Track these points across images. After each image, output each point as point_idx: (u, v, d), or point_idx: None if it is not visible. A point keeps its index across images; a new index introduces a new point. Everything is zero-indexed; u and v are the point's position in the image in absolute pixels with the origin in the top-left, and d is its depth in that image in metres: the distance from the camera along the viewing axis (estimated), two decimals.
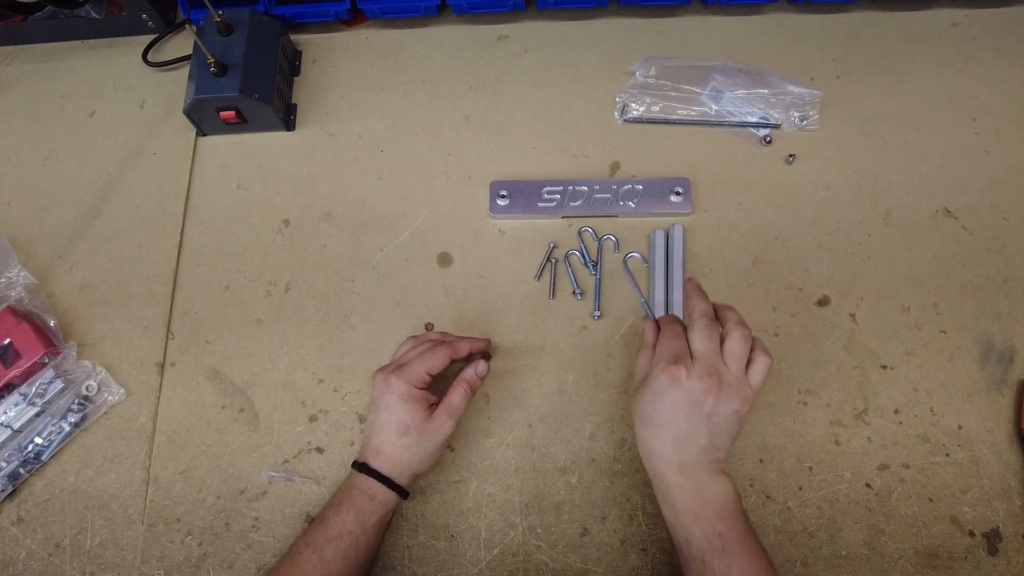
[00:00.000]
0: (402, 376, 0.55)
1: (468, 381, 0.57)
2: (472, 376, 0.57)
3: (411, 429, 0.54)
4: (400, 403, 0.55)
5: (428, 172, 0.73)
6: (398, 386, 0.55)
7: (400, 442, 0.54)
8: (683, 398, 0.49)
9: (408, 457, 0.55)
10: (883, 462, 0.60)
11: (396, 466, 0.55)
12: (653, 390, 0.51)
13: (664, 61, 0.76)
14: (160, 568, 0.59)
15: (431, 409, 0.55)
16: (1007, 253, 0.66)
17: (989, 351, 0.63)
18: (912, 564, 0.56)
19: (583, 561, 0.58)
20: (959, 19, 0.78)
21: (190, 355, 0.66)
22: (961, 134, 0.72)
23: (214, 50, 0.70)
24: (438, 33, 0.81)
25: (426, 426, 0.54)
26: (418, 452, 0.55)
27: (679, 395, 0.49)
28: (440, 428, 0.55)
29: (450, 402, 0.56)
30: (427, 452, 0.55)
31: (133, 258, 0.71)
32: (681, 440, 0.50)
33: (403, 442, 0.54)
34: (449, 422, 0.55)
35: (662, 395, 0.50)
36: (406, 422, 0.54)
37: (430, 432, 0.54)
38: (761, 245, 0.68)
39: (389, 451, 0.55)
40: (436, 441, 0.55)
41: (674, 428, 0.50)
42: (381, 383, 0.56)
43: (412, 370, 0.55)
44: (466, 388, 0.56)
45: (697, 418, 0.49)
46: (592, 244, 0.69)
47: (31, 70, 0.82)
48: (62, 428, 0.63)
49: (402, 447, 0.54)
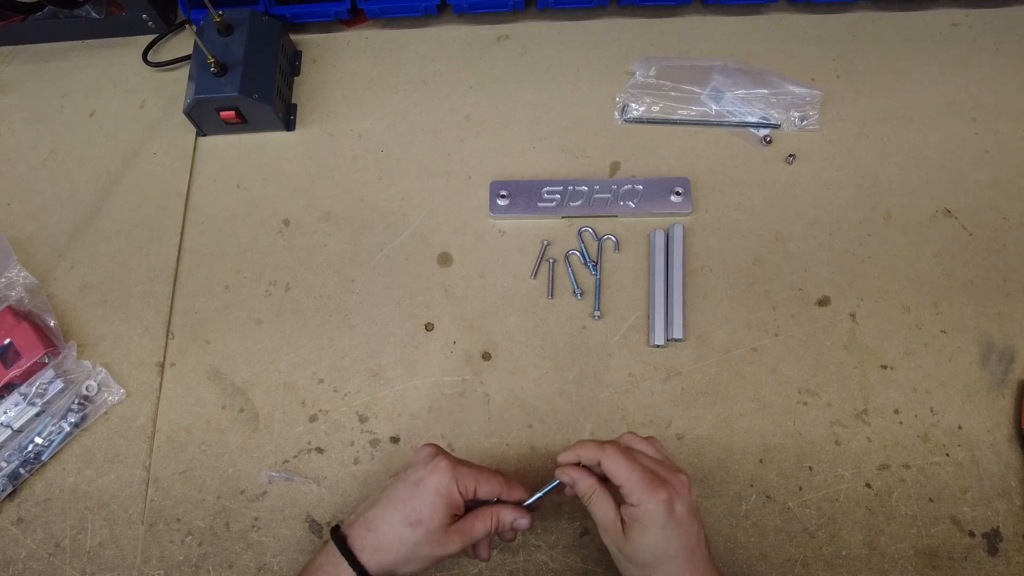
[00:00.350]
0: (453, 471, 0.48)
1: (499, 521, 0.50)
2: (507, 520, 0.50)
3: (422, 526, 0.47)
4: (432, 495, 0.48)
5: (428, 172, 0.73)
6: (443, 477, 0.48)
7: (403, 533, 0.47)
8: (683, 512, 0.46)
9: (399, 553, 0.47)
10: (883, 462, 0.60)
11: (380, 554, 0.47)
12: (657, 524, 0.46)
13: (664, 61, 0.76)
14: (160, 568, 0.59)
15: (451, 521, 0.48)
16: (1007, 253, 0.66)
17: (989, 351, 0.63)
18: (912, 564, 0.56)
19: (583, 561, 0.58)
20: (959, 19, 0.78)
21: (190, 355, 0.66)
22: (961, 134, 0.72)
23: (214, 50, 0.70)
24: (438, 33, 0.81)
25: (437, 535, 0.47)
26: (411, 554, 0.47)
27: (680, 511, 0.46)
28: (447, 545, 0.48)
29: (470, 525, 0.49)
30: (419, 558, 0.47)
31: (133, 258, 0.71)
32: (694, 549, 0.47)
33: (405, 534, 0.47)
34: (457, 544, 0.48)
35: (667, 524, 0.46)
36: (422, 516, 0.47)
37: (436, 542, 0.47)
38: (761, 245, 0.68)
39: (383, 533, 0.47)
40: (435, 553, 0.48)
41: (686, 544, 0.46)
42: (426, 458, 0.50)
43: (464, 473, 0.49)
44: (492, 525, 0.49)
45: (694, 520, 0.48)
46: (592, 244, 0.69)
47: (31, 70, 0.82)
48: (62, 428, 0.63)
49: (401, 540, 0.47)
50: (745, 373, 0.63)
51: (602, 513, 0.48)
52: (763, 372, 0.63)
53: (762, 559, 0.57)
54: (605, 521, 0.48)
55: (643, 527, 0.46)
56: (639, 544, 0.46)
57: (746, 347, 0.64)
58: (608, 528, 0.48)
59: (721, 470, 0.60)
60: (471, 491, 0.49)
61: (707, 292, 0.66)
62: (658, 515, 0.46)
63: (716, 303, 0.66)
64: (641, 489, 0.46)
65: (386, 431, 0.63)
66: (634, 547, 0.47)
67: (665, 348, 0.64)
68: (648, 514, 0.46)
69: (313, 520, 0.60)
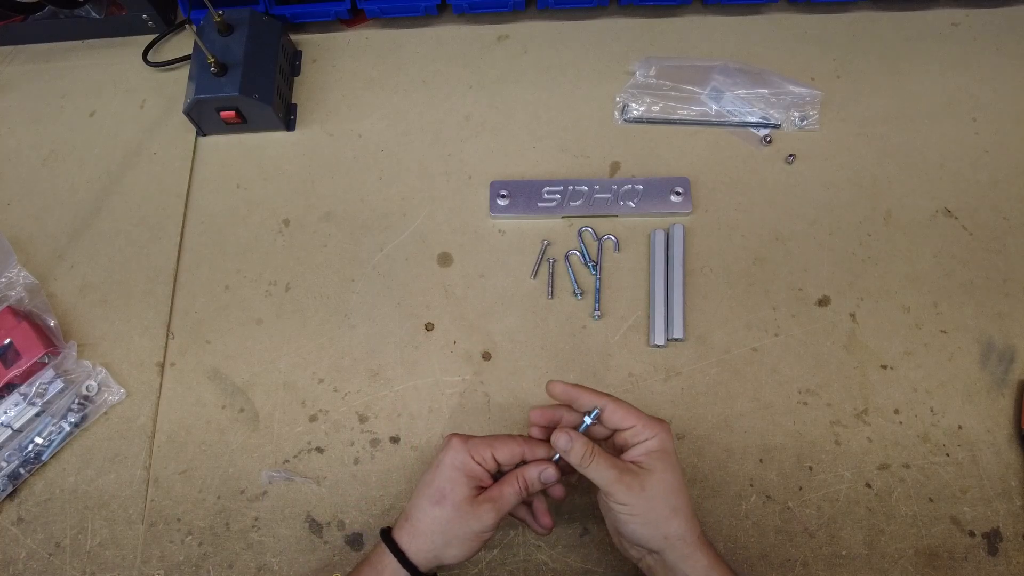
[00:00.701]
0: (465, 444, 0.49)
1: (526, 479, 0.49)
2: (533, 476, 0.49)
3: (446, 502, 0.48)
4: (449, 470, 0.48)
5: (428, 172, 0.73)
6: (457, 452, 0.49)
7: (431, 513, 0.48)
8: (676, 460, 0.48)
9: (434, 534, 0.47)
10: (883, 462, 0.60)
11: (417, 540, 0.48)
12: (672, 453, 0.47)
13: (664, 61, 0.76)
14: (160, 568, 0.59)
15: (477, 493, 0.49)
16: (1007, 253, 0.66)
17: (989, 351, 0.63)
18: (912, 564, 0.56)
19: (583, 561, 0.58)
20: (959, 19, 0.78)
21: (190, 355, 0.66)
22: (961, 134, 0.72)
23: (214, 50, 0.70)
24: (438, 33, 0.81)
25: (464, 507, 0.47)
26: (447, 533, 0.47)
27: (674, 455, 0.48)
28: (479, 516, 0.47)
29: (498, 492, 0.49)
30: (457, 538, 0.47)
31: (133, 258, 0.71)
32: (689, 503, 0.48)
33: (434, 513, 0.48)
34: (490, 513, 0.47)
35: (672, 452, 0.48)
36: (444, 491, 0.48)
37: (466, 516, 0.47)
38: (761, 245, 0.68)
39: (416, 519, 0.48)
40: (471, 529, 0.47)
41: (685, 493, 0.48)
42: (446, 444, 0.50)
43: (477, 443, 0.49)
44: (520, 486, 0.49)
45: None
46: (592, 244, 0.69)
47: (31, 70, 0.82)
48: (62, 428, 0.63)
49: (431, 519, 0.48)
50: (745, 373, 0.63)
51: (606, 469, 0.47)
52: (763, 372, 0.63)
53: (762, 559, 0.57)
54: (610, 476, 0.46)
55: (661, 458, 0.47)
56: (659, 473, 0.46)
57: (746, 347, 0.64)
58: (622, 474, 0.46)
59: (721, 470, 0.60)
60: (488, 459, 0.49)
61: (707, 292, 0.66)
62: (670, 444, 0.48)
63: (716, 303, 0.66)
64: (651, 422, 0.48)
65: (386, 431, 0.63)
66: (654, 482, 0.46)
67: (665, 348, 0.64)
68: (663, 443, 0.47)
69: (313, 520, 0.60)
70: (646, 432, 0.48)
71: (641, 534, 0.47)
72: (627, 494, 0.46)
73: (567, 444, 0.48)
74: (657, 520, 0.46)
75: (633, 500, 0.46)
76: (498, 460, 0.49)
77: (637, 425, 0.48)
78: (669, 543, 0.46)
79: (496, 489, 0.49)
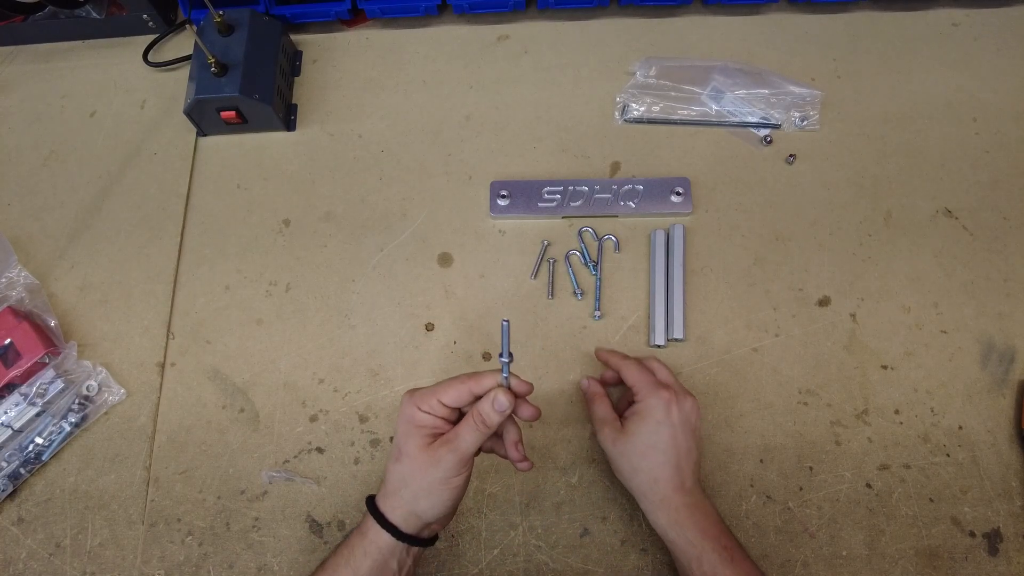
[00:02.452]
0: (412, 397, 0.49)
1: (481, 414, 0.47)
2: (487, 409, 0.47)
3: (403, 456, 0.48)
4: (402, 424, 0.49)
5: (428, 172, 0.73)
6: (405, 407, 0.49)
7: (394, 470, 0.48)
8: (679, 419, 0.53)
9: (401, 490, 0.48)
10: (883, 462, 0.60)
11: (389, 499, 0.48)
12: (654, 418, 0.53)
13: (664, 61, 0.76)
14: (160, 568, 0.59)
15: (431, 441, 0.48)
16: (1008, 253, 0.66)
17: (990, 351, 0.63)
18: (913, 564, 0.56)
19: (583, 561, 0.58)
20: (959, 19, 0.78)
21: (190, 355, 0.66)
22: (962, 134, 0.72)
23: (214, 50, 0.70)
24: (438, 33, 0.81)
25: (421, 455, 0.47)
26: (411, 486, 0.47)
27: (676, 416, 0.53)
28: (437, 461, 0.47)
29: (453, 433, 0.48)
30: (423, 489, 0.47)
31: (133, 258, 0.71)
32: (682, 460, 0.52)
33: (396, 469, 0.48)
34: (449, 457, 0.47)
35: (663, 421, 0.53)
36: (400, 446, 0.48)
37: (424, 464, 0.47)
38: (761, 245, 0.68)
39: (386, 482, 0.49)
40: (433, 477, 0.47)
41: (675, 450, 0.52)
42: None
43: (423, 393, 0.49)
44: (477, 422, 0.47)
45: (690, 435, 0.53)
46: (592, 244, 0.69)
47: (31, 70, 0.82)
48: (62, 428, 0.63)
49: (395, 477, 0.48)
50: (745, 373, 0.63)
51: (601, 411, 0.57)
52: (763, 372, 0.63)
53: (763, 559, 0.57)
54: (604, 416, 0.56)
55: (641, 419, 0.53)
56: (633, 433, 0.53)
57: (746, 347, 0.64)
58: (606, 422, 0.56)
59: (721, 470, 0.60)
60: (436, 406, 0.48)
61: (707, 292, 0.66)
62: (656, 410, 0.53)
63: (716, 303, 0.66)
64: (647, 388, 0.54)
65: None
66: (628, 438, 0.54)
67: (665, 348, 0.64)
68: (648, 408, 0.53)
69: (313, 520, 0.60)
70: (640, 395, 0.55)
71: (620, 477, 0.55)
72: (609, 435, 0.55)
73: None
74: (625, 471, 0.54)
75: (613, 439, 0.54)
76: (446, 403, 0.48)
77: (636, 387, 0.55)
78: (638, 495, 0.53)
79: (451, 432, 0.48)
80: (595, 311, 0.65)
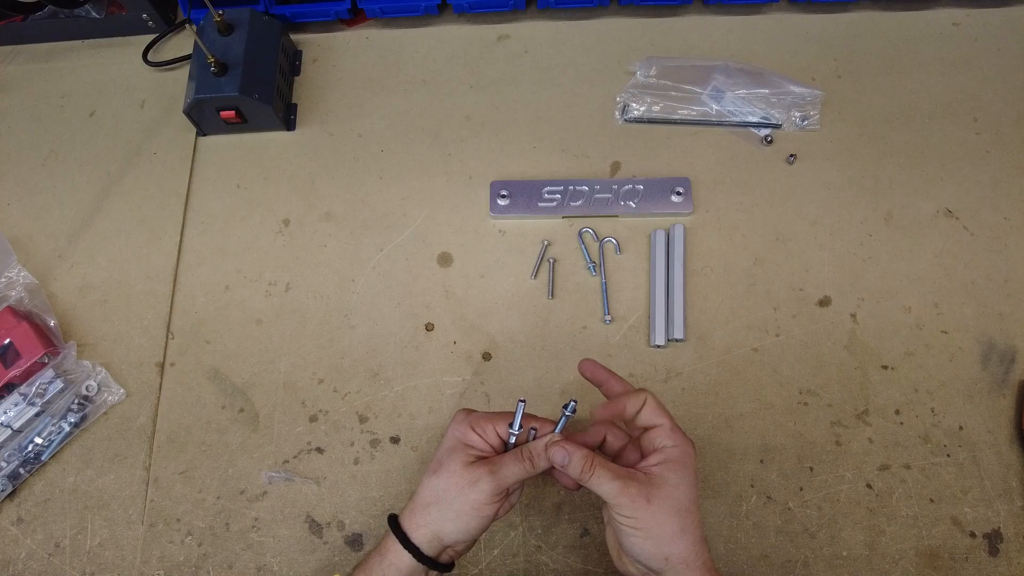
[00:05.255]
0: (468, 416, 0.48)
1: (532, 452, 0.46)
2: (539, 450, 0.46)
3: (443, 470, 0.46)
4: (449, 440, 0.48)
5: (428, 172, 0.73)
6: (458, 424, 0.48)
7: (429, 483, 0.47)
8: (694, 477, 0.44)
9: (431, 505, 0.46)
10: (884, 462, 0.60)
11: (416, 516, 0.46)
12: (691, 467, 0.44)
13: (665, 61, 0.76)
14: (160, 568, 0.59)
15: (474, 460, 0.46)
16: (1008, 253, 0.66)
17: (990, 351, 0.63)
18: (913, 565, 0.56)
19: (583, 561, 0.58)
20: (960, 19, 0.78)
21: (190, 355, 0.66)
22: (962, 134, 0.72)
23: (214, 50, 0.70)
24: (438, 33, 0.81)
25: (461, 472, 0.45)
26: (443, 503, 0.46)
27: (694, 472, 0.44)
28: (474, 482, 0.45)
29: (498, 461, 0.46)
30: (454, 511, 0.45)
31: (133, 258, 0.71)
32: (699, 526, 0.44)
33: (432, 483, 0.46)
34: (487, 480, 0.45)
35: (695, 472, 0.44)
36: (441, 460, 0.47)
37: (462, 483, 0.45)
38: (762, 245, 0.68)
39: (418, 494, 0.47)
40: (466, 499, 0.45)
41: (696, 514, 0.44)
42: (452, 418, 0.49)
43: (480, 416, 0.48)
44: (524, 458, 0.46)
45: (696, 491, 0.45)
46: (593, 245, 0.69)
47: (31, 70, 0.82)
48: (62, 428, 0.63)
49: (429, 490, 0.46)
50: (746, 373, 0.63)
51: (608, 481, 0.43)
52: (764, 372, 0.63)
53: (763, 559, 0.57)
54: (614, 488, 0.43)
55: (677, 470, 0.43)
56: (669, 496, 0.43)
57: (747, 347, 0.64)
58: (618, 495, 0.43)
59: (722, 470, 0.60)
60: (490, 432, 0.47)
61: (708, 292, 0.66)
62: (691, 459, 0.44)
63: (717, 303, 0.66)
64: (678, 430, 0.45)
65: (386, 431, 0.63)
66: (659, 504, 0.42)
67: (666, 348, 0.64)
68: (684, 455, 0.44)
69: (313, 520, 0.60)
70: (670, 439, 0.45)
71: (642, 549, 0.43)
72: (631, 506, 0.43)
73: (564, 458, 0.45)
74: (661, 537, 0.43)
75: (638, 513, 0.43)
76: (500, 434, 0.48)
77: (665, 425, 0.45)
78: (670, 565, 0.43)
79: (497, 458, 0.46)
80: (605, 315, 0.65)
